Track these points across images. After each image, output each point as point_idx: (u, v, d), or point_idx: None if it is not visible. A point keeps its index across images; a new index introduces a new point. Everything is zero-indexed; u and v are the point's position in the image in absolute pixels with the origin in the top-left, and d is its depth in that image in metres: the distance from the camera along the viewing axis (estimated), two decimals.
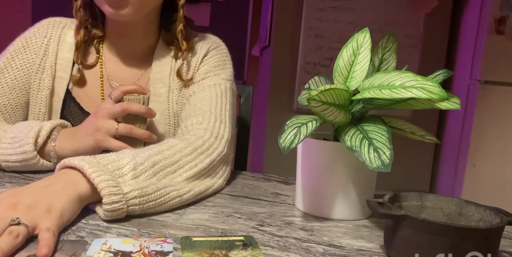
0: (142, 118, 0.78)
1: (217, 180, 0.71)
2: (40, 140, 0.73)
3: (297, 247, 0.50)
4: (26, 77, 0.85)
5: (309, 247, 0.50)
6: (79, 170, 0.56)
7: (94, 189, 0.54)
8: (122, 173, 0.57)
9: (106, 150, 0.73)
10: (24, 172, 0.74)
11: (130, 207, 0.55)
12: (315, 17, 2.30)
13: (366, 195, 0.61)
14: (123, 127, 0.74)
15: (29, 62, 0.86)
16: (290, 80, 2.34)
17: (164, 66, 0.89)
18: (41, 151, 0.74)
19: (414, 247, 0.45)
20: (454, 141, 2.27)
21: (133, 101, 0.76)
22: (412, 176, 2.43)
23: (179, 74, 0.87)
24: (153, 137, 0.78)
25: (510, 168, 2.12)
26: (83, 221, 0.54)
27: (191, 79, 0.88)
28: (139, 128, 0.77)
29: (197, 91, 0.86)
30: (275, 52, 2.36)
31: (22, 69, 0.85)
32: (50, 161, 0.75)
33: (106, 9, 0.78)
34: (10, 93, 0.84)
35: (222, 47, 0.95)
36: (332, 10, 2.30)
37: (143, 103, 0.77)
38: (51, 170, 0.75)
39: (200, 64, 0.89)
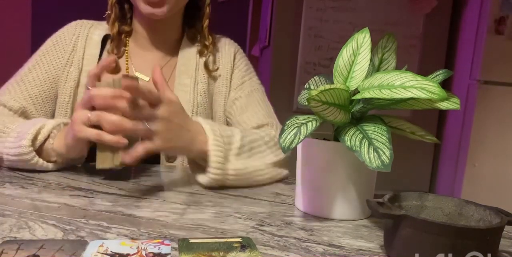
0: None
1: (285, 170, 0.83)
2: (40, 137, 0.73)
3: (297, 247, 0.50)
4: (55, 71, 0.92)
5: (309, 247, 0.50)
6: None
7: (204, 156, 0.70)
8: (230, 148, 0.72)
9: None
10: (24, 172, 0.74)
11: (225, 181, 0.71)
12: (315, 17, 2.30)
13: (366, 195, 0.61)
14: (94, 115, 0.68)
15: (58, 58, 0.93)
16: (290, 80, 2.34)
17: (190, 60, 0.96)
18: (40, 149, 0.74)
19: (414, 247, 0.45)
20: (454, 141, 2.27)
21: (102, 86, 0.69)
22: (412, 176, 2.43)
23: (206, 66, 0.96)
24: (124, 126, 0.68)
25: (510, 168, 2.12)
26: (83, 221, 0.54)
27: (217, 69, 0.98)
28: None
29: (243, 96, 0.97)
30: (275, 52, 2.36)
31: (52, 64, 0.92)
32: (50, 160, 0.75)
33: (144, 7, 0.86)
34: (41, 85, 0.91)
35: (240, 48, 1.06)
36: (332, 10, 2.30)
37: (114, 86, 0.69)
38: (48, 171, 0.76)
39: (233, 67, 1.00)
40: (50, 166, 0.75)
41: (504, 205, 0.54)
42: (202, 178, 0.71)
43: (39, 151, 0.74)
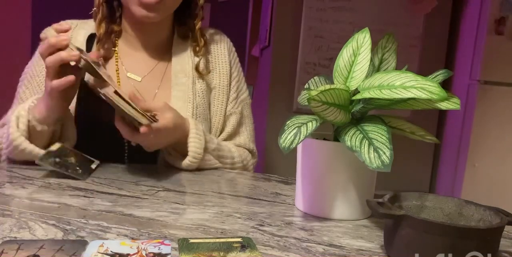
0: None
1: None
2: (22, 119, 0.77)
3: (297, 247, 0.50)
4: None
5: (309, 247, 0.50)
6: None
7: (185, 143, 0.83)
8: (207, 147, 0.86)
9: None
10: (24, 172, 0.74)
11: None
12: (315, 17, 2.30)
13: (366, 195, 0.61)
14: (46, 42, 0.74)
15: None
16: (290, 80, 2.33)
17: (184, 59, 0.95)
18: (28, 131, 0.78)
19: (414, 247, 0.45)
20: (454, 141, 2.27)
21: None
22: (412, 176, 2.43)
23: (197, 69, 0.94)
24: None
25: (510, 168, 2.11)
26: (83, 221, 0.54)
27: (209, 72, 0.97)
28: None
29: (237, 112, 1.00)
30: (274, 52, 2.35)
31: (42, 74, 0.90)
32: (38, 137, 0.79)
33: (138, 10, 0.84)
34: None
35: (232, 44, 1.05)
36: (332, 10, 2.30)
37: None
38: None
39: (230, 78, 1.00)
40: (42, 151, 0.78)
41: (504, 205, 0.54)
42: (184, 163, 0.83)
43: (30, 134, 0.78)
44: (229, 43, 1.03)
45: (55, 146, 0.78)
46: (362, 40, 0.61)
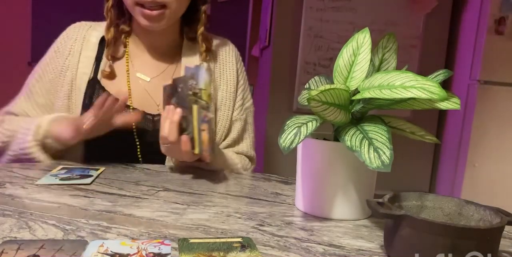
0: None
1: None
2: (41, 131, 0.82)
3: (297, 247, 0.50)
4: (57, 79, 0.93)
5: (309, 247, 0.50)
6: None
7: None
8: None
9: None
10: (24, 172, 0.74)
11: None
12: (315, 17, 2.30)
13: (366, 195, 0.61)
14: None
15: (59, 65, 0.93)
16: (290, 80, 2.33)
17: (194, 63, 0.96)
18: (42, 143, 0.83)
19: (414, 247, 0.45)
20: (454, 141, 2.27)
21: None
22: (412, 176, 2.43)
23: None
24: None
25: (510, 168, 2.11)
26: (83, 221, 0.54)
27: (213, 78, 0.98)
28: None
29: (242, 119, 1.01)
30: (274, 52, 2.35)
31: (54, 72, 0.93)
32: (46, 147, 0.84)
33: (142, 20, 0.87)
34: (47, 94, 0.93)
35: (239, 53, 1.07)
36: (332, 10, 2.30)
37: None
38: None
39: (237, 85, 1.01)
40: (47, 159, 0.84)
41: (504, 205, 0.54)
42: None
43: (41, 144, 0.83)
44: (236, 52, 1.05)
45: (55, 169, 0.78)
46: (362, 40, 0.61)
